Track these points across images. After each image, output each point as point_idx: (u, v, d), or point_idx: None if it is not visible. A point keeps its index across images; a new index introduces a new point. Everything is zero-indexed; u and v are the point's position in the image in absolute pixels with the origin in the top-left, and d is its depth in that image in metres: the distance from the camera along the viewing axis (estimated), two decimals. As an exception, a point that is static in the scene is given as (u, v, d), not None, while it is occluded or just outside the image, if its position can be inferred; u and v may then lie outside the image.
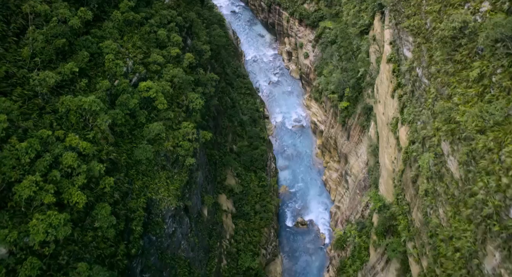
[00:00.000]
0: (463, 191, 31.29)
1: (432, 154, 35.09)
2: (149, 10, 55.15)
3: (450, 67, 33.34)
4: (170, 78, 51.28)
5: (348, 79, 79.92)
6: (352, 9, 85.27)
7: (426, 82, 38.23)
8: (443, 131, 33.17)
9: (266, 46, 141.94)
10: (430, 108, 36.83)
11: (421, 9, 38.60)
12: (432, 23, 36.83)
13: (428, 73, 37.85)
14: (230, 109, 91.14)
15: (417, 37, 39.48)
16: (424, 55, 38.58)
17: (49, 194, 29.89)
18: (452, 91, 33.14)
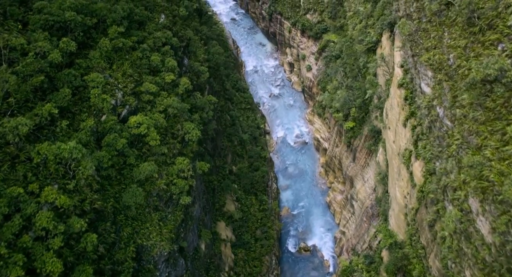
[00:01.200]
0: (499, 261, 27.18)
1: (458, 211, 30.84)
2: (141, 33, 50.95)
3: (479, 114, 29.17)
4: (163, 108, 47.06)
5: (354, 98, 75.74)
6: (358, 24, 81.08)
7: (449, 124, 34.05)
8: (472, 187, 29.01)
9: (267, 56, 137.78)
10: (454, 155, 32.65)
11: (442, 42, 34.41)
12: (456, 60, 32.63)
13: (451, 115, 33.68)
14: (230, 127, 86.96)
15: (437, 73, 35.28)
16: (446, 93, 34.40)
17: (16, 267, 25.65)
18: (482, 142, 28.97)
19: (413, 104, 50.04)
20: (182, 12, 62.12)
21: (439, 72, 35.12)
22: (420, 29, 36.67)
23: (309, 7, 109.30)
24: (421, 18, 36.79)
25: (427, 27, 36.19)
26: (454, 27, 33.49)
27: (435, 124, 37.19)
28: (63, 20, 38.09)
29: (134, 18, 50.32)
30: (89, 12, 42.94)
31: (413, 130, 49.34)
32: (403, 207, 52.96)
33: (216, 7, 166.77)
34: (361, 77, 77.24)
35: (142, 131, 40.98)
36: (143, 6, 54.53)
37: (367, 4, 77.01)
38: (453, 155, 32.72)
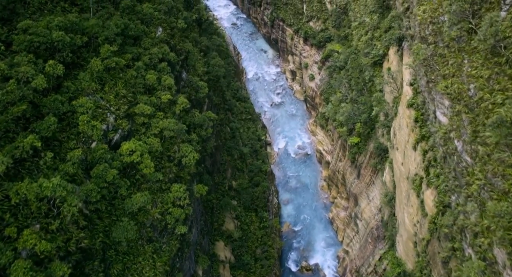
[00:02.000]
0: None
1: (481, 261, 27.89)
2: (136, 49, 47.99)
3: (507, 156, 26.26)
4: (159, 131, 44.12)
5: (359, 113, 72.76)
6: (364, 35, 78.12)
7: (469, 160, 31.10)
8: (499, 237, 26.12)
9: (268, 63, 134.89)
10: (475, 196, 29.72)
11: (462, 70, 31.46)
12: (477, 91, 29.69)
13: (471, 151, 30.73)
14: (230, 140, 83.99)
15: (455, 103, 32.32)
16: (465, 126, 31.47)
17: None
18: (510, 187, 26.06)
19: (424, 127, 47.14)
20: (180, 24, 59.16)
21: (458, 103, 32.17)
22: (437, 54, 33.76)
23: (312, 15, 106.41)
24: (438, 42, 33.89)
25: (444, 52, 33.27)
26: (476, 55, 30.56)
27: (452, 157, 34.24)
28: (49, 41, 35.14)
29: (128, 33, 47.35)
30: (80, 30, 40.00)
31: (424, 155, 46.46)
32: (412, 235, 50.01)
33: (217, 11, 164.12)
34: (366, 90, 74.33)
35: (135, 159, 38.03)
36: (139, 20, 51.57)
37: (373, 15, 74.08)
38: (474, 196, 29.77)
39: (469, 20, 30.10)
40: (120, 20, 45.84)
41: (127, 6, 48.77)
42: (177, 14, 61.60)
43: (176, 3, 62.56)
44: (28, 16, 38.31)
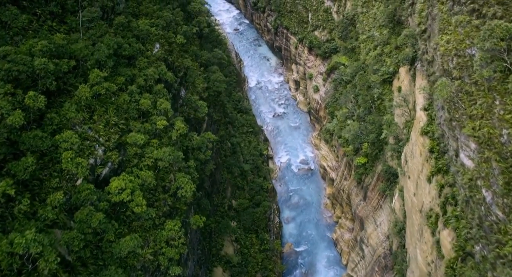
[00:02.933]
0: None
1: None
2: (130, 70, 44.37)
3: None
4: (153, 162, 40.51)
5: (366, 132, 69.08)
6: (372, 49, 74.40)
7: (501, 216, 27.45)
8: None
9: (271, 71, 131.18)
10: (510, 260, 26.08)
11: (493, 112, 27.80)
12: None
13: (503, 205, 27.10)
14: (230, 156, 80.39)
15: (484, 148, 28.66)
16: (495, 175, 27.82)
17: None
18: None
19: (441, 159, 43.55)
20: (179, 40, 55.57)
21: (487, 148, 28.50)
22: (463, 91, 30.11)
23: (318, 24, 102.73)
24: (464, 77, 30.23)
25: (471, 90, 29.61)
26: (510, 97, 26.89)
27: (478, 207, 30.58)
28: (31, 69, 31.57)
29: (122, 53, 43.76)
30: (67, 53, 36.40)
31: (440, 189, 42.85)
32: (426, 274, 46.30)
33: (219, 16, 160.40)
34: (374, 109, 70.65)
35: (124, 198, 34.42)
36: (134, 37, 47.97)
37: (383, 29, 70.38)
38: (509, 260, 26.11)
39: (503, 57, 26.45)
40: (113, 39, 42.19)
41: (121, 23, 45.13)
42: (176, 28, 58.00)
43: (175, 17, 58.97)
44: (9, 38, 34.72)
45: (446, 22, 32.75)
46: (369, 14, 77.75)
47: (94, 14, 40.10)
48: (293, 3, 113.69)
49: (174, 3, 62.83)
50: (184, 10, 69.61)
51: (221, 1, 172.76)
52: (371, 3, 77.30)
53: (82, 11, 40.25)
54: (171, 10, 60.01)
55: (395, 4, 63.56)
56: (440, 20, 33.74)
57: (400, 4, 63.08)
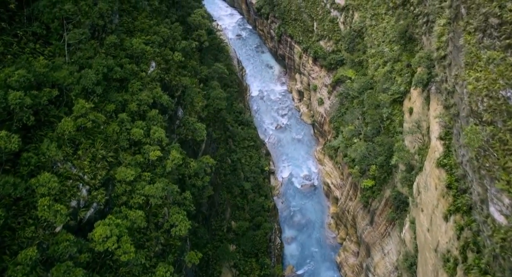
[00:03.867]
0: None
1: None
2: (121, 96, 40.65)
3: None
4: (144, 200, 36.79)
5: (374, 155, 65.27)
6: (381, 65, 70.63)
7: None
8: None
9: (274, 80, 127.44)
10: None
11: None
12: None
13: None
14: (230, 174, 76.68)
15: (521, 206, 24.87)
16: (535, 240, 24.11)
17: None
18: None
19: (460, 198, 39.83)
20: (177, 57, 51.83)
21: (524, 207, 24.72)
22: (495, 138, 26.32)
23: (323, 34, 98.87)
24: (497, 122, 26.45)
25: (506, 138, 25.82)
26: (555, 151, 23.10)
27: (510, 269, 26.82)
28: (3, 105, 27.87)
29: (113, 77, 40.05)
30: (49, 82, 32.69)
31: (459, 231, 39.09)
32: (440, 320, 42.57)
33: (222, 20, 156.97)
34: (383, 129, 66.84)
35: (110, 246, 30.70)
36: (127, 57, 44.26)
37: (393, 45, 66.57)
38: None
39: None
40: (103, 62, 38.44)
41: (112, 43, 41.40)
42: (174, 44, 54.24)
43: (174, 32, 55.22)
44: (-17, 66, 31.05)
45: (475, 56, 28.95)
46: (378, 27, 73.93)
47: (81, 36, 36.36)
48: (298, 11, 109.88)
49: (172, 16, 59.15)
50: (183, 22, 66.01)
51: (224, 6, 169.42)
52: (380, 16, 73.47)
53: (69, 33, 36.44)
54: (169, 24, 56.31)
55: (407, 20, 59.75)
56: (467, 52, 29.95)
57: (413, 21, 59.29)
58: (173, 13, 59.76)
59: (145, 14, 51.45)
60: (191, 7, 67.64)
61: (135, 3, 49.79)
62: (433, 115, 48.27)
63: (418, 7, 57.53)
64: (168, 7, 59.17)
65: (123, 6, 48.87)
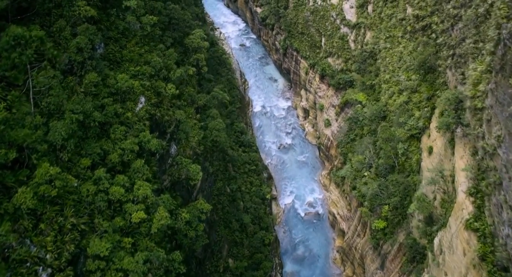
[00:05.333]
0: None
1: None
2: (101, 144, 34.73)
3: None
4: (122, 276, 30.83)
5: (388, 194, 59.16)
6: (396, 94, 64.45)
7: None
8: None
9: (278, 95, 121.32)
10: None
11: None
12: None
13: None
14: (229, 205, 70.64)
15: None
16: None
17: None
18: None
19: (496, 274, 33.84)
20: (170, 90, 45.87)
21: None
22: None
23: (332, 51, 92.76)
24: None
25: None
26: None
27: None
28: None
29: (91, 124, 34.13)
30: (4, 143, 26.75)
31: (494, 315, 33.08)
32: None
33: (225, 28, 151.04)
34: (397, 165, 60.72)
35: None
36: (111, 95, 38.36)
37: (411, 73, 60.42)
38: None
39: None
40: (78, 108, 32.50)
41: (92, 82, 35.46)
42: (167, 74, 48.28)
43: (168, 59, 49.29)
44: None
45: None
46: (393, 51, 67.75)
47: (51, 81, 30.41)
48: (305, 25, 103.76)
49: (167, 40, 53.23)
50: (181, 43, 60.14)
51: (228, 12, 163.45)
52: (396, 39, 67.29)
53: (36, 72, 30.46)
54: (163, 50, 50.34)
55: (428, 50, 53.58)
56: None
57: (435, 52, 53.17)
58: (168, 36, 53.78)
59: (135, 41, 45.51)
60: (189, 26, 61.63)
61: (123, 30, 43.80)
62: (460, 166, 42.24)
63: (441, 36, 51.39)
64: (163, 30, 53.23)
65: (109, 33, 42.91)
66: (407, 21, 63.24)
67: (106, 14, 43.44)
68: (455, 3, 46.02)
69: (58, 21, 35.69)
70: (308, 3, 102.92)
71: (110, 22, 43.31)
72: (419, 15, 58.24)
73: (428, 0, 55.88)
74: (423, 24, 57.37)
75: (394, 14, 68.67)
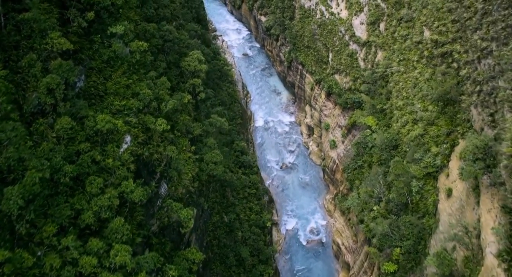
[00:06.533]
0: None
1: None
2: (72, 205, 29.58)
3: None
4: None
5: (399, 236, 53.84)
6: (410, 123, 59.16)
7: None
8: None
9: (282, 109, 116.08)
10: None
11: None
12: None
13: None
14: (226, 236, 65.48)
15: None
16: None
17: None
18: None
19: None
20: (161, 126, 40.69)
21: None
22: None
23: (340, 68, 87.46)
24: None
25: None
26: None
27: None
28: None
29: (60, 180, 29.00)
30: None
31: None
32: None
33: (228, 36, 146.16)
34: (411, 203, 55.41)
35: None
36: (89, 138, 33.24)
37: (428, 103, 55.09)
38: None
39: None
40: (45, 163, 27.38)
41: (65, 129, 30.32)
42: (159, 106, 43.16)
43: (160, 89, 44.15)
44: None
45: None
46: (408, 76, 62.37)
47: (11, 134, 25.30)
48: (312, 39, 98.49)
49: (160, 65, 48.03)
50: (176, 65, 55.03)
51: (231, 19, 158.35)
52: (411, 63, 61.93)
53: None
54: (155, 78, 45.18)
55: (450, 82, 48.22)
56: None
57: (457, 83, 47.83)
58: (161, 60, 48.58)
59: (122, 71, 40.37)
60: (186, 46, 56.47)
61: (108, 59, 38.68)
62: (487, 221, 36.96)
63: (465, 68, 46.03)
64: (155, 54, 48.06)
65: (92, 63, 37.81)
66: (424, 45, 57.90)
67: (89, 41, 38.35)
68: (484, 34, 40.66)
69: (27, 56, 30.58)
70: (315, 15, 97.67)
71: (93, 51, 38.22)
72: (438, 41, 52.86)
73: (449, 25, 50.46)
74: (443, 50, 52.01)
75: (409, 35, 63.36)
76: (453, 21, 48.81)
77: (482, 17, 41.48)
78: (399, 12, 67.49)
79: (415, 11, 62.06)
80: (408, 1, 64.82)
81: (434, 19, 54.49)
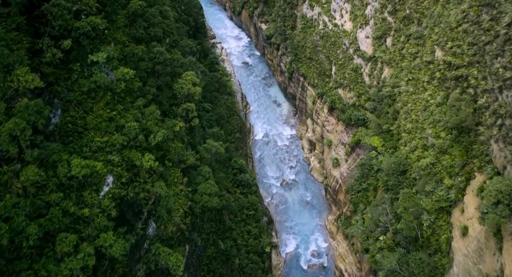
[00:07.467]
0: None
1: None
2: (37, 271, 25.51)
3: None
4: None
5: (409, 273, 49.74)
6: (419, 149, 55.09)
7: None
8: None
9: (282, 121, 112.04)
10: None
11: None
12: None
13: None
14: (222, 267, 61.36)
15: None
16: None
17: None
18: None
19: None
20: (148, 163, 36.63)
21: None
22: None
23: (343, 83, 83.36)
24: None
25: None
26: None
27: None
28: None
29: (24, 244, 24.93)
30: None
31: None
32: None
33: (227, 43, 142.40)
34: (421, 237, 51.32)
35: None
36: (61, 187, 29.20)
37: (440, 130, 50.96)
38: None
39: None
40: (3, 226, 23.27)
41: (31, 181, 26.25)
42: (146, 138, 39.08)
43: (148, 120, 40.08)
44: None
45: None
46: (417, 97, 58.27)
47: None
48: (314, 50, 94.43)
49: (150, 90, 43.92)
50: (169, 86, 50.96)
51: (230, 25, 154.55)
52: (421, 84, 57.82)
53: None
54: (143, 107, 41.13)
55: (466, 111, 44.10)
56: None
57: (473, 111, 43.71)
58: (151, 85, 44.46)
59: (104, 102, 36.34)
60: (180, 65, 52.38)
61: (89, 89, 34.64)
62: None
63: (483, 96, 41.91)
64: (144, 78, 43.96)
65: (70, 95, 33.77)
66: (435, 65, 53.79)
67: (67, 70, 34.32)
68: (507, 63, 36.56)
69: (-11, 95, 26.55)
70: (317, 25, 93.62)
71: (71, 81, 34.19)
72: (452, 63, 48.74)
73: (465, 47, 46.34)
74: (457, 74, 47.89)
75: (418, 53, 59.28)
76: (470, 43, 44.67)
77: (504, 44, 37.38)
78: (407, 28, 63.38)
79: (426, 28, 57.92)
80: (418, 17, 60.66)
81: (448, 39, 50.37)
